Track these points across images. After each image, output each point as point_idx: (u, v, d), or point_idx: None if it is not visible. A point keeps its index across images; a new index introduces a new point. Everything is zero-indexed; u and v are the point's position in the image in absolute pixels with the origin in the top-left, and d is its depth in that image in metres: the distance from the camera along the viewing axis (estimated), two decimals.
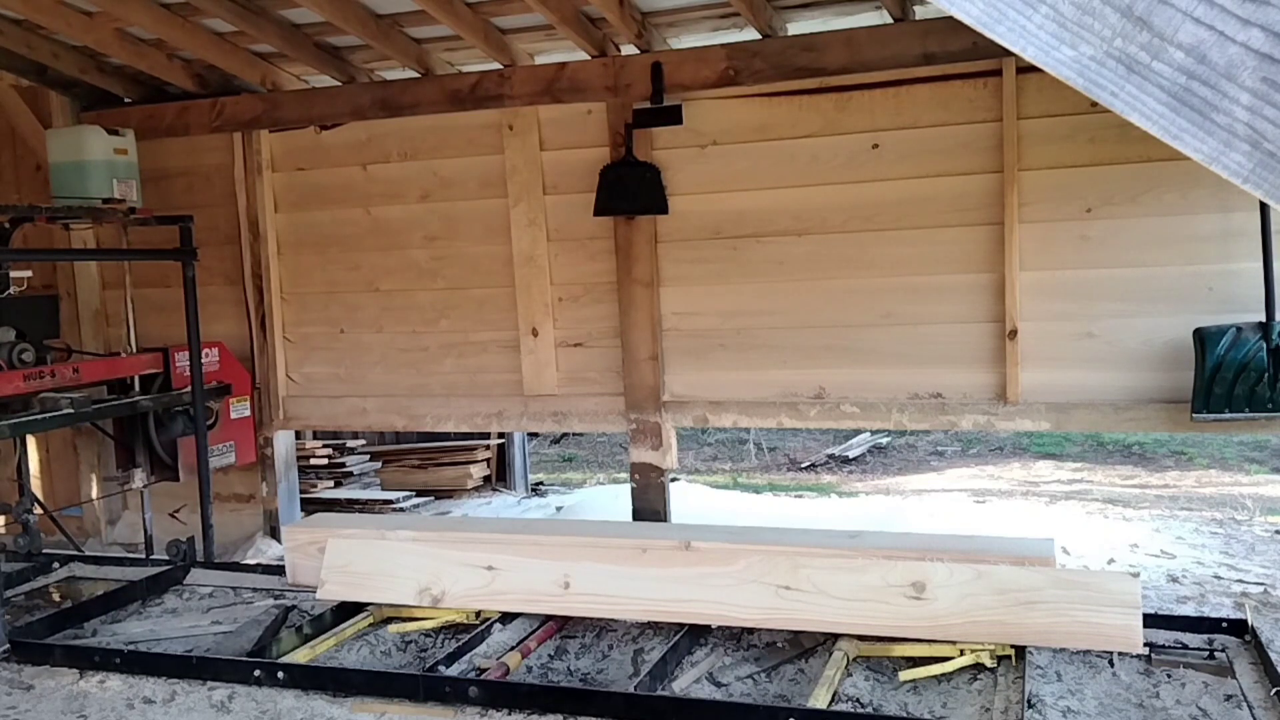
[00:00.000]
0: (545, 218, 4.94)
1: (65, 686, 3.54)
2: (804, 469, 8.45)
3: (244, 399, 5.34)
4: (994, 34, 0.99)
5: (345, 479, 7.42)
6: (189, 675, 3.52)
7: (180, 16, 4.65)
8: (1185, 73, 0.92)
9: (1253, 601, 4.02)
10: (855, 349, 4.59)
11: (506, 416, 5.16)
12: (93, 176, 4.67)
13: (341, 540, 4.10)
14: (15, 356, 4.37)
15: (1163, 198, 4.13)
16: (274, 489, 5.51)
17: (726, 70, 4.46)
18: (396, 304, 5.26)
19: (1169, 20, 0.91)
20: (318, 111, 5.19)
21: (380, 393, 5.34)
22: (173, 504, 5.54)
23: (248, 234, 5.37)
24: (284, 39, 4.74)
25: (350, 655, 3.75)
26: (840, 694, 3.22)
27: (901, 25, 4.23)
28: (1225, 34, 0.89)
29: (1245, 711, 2.98)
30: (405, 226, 5.19)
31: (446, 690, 3.27)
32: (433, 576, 3.91)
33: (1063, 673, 3.28)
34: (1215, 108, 0.92)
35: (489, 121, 4.97)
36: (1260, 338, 3.87)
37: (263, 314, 5.42)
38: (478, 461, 7.26)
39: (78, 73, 5.20)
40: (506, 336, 5.09)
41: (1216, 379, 3.89)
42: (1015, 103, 4.22)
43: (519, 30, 4.72)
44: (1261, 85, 0.89)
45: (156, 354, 4.97)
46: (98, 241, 5.57)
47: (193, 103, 5.33)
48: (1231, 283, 4.05)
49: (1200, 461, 7.99)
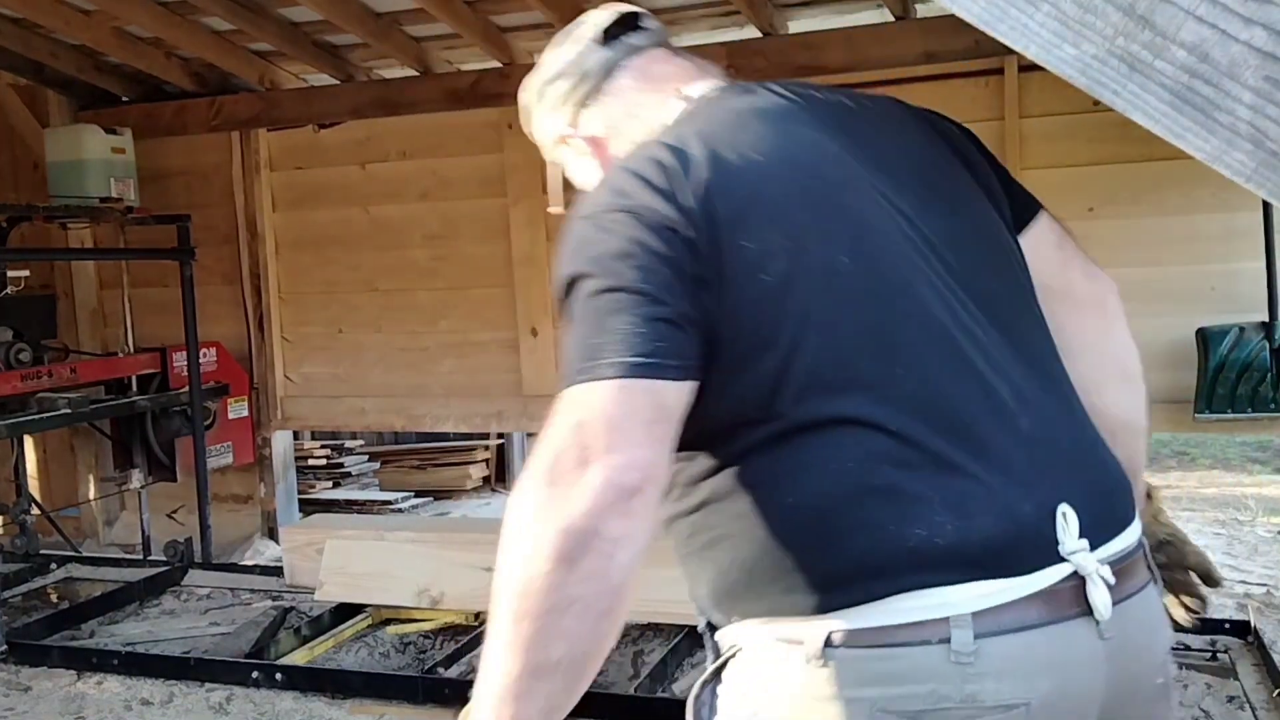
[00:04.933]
0: (545, 217, 4.92)
1: (63, 688, 3.53)
2: None
3: (242, 399, 5.32)
4: (996, 32, 0.98)
5: (344, 479, 7.41)
6: (187, 677, 3.51)
7: (178, 15, 4.63)
8: (1188, 71, 0.91)
9: (1255, 602, 4.01)
10: None
11: (506, 416, 5.14)
12: (90, 175, 4.65)
13: (340, 541, 4.08)
14: (12, 356, 4.36)
15: (1165, 197, 4.11)
16: (272, 490, 5.49)
17: (727, 69, 4.42)
18: (395, 304, 5.25)
19: (1171, 19, 0.90)
20: (316, 110, 5.18)
21: (379, 393, 5.33)
22: (170, 504, 5.53)
23: (246, 233, 5.36)
24: (282, 37, 4.73)
25: (349, 657, 3.74)
26: None
27: (902, 23, 4.21)
28: (1228, 33, 0.89)
29: (1248, 713, 2.97)
30: (404, 226, 5.17)
31: (445, 692, 3.25)
32: (432, 577, 3.89)
33: None
34: (1218, 106, 0.91)
35: (488, 120, 4.95)
36: (1263, 337, 3.86)
37: (261, 314, 5.40)
38: (477, 462, 7.25)
39: (75, 71, 5.19)
40: (506, 336, 5.08)
41: (1219, 379, 3.88)
42: (1017, 101, 4.21)
43: (518, 28, 4.70)
44: (1264, 84, 0.88)
45: (154, 354, 4.96)
46: (95, 241, 5.55)
47: (190, 102, 5.31)
48: (1234, 282, 4.04)
49: (1203, 462, 7.97)
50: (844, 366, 1.10)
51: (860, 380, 1.09)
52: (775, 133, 1.20)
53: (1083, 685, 1.08)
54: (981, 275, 1.20)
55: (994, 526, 1.05)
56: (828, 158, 1.19)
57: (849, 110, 1.30)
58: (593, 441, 1.00)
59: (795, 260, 1.11)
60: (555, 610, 0.98)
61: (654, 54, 1.40)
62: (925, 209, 1.20)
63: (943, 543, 1.04)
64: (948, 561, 1.04)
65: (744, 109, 1.25)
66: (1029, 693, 1.04)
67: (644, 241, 1.07)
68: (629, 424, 1.01)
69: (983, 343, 1.14)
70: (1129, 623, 1.11)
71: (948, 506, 1.05)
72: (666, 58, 1.41)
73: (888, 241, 1.15)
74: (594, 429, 1.01)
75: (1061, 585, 1.07)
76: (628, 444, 1.00)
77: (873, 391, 1.09)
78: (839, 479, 1.07)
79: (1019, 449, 1.10)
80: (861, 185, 1.18)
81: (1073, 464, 1.14)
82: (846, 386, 1.09)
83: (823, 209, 1.15)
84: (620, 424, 1.01)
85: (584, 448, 1.00)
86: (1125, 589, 1.12)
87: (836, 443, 1.08)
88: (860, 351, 1.11)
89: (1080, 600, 1.07)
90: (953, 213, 1.24)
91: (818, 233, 1.13)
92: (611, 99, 1.37)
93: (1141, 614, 1.15)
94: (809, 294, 1.10)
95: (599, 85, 1.37)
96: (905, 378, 1.10)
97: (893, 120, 1.34)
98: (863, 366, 1.10)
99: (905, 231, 1.17)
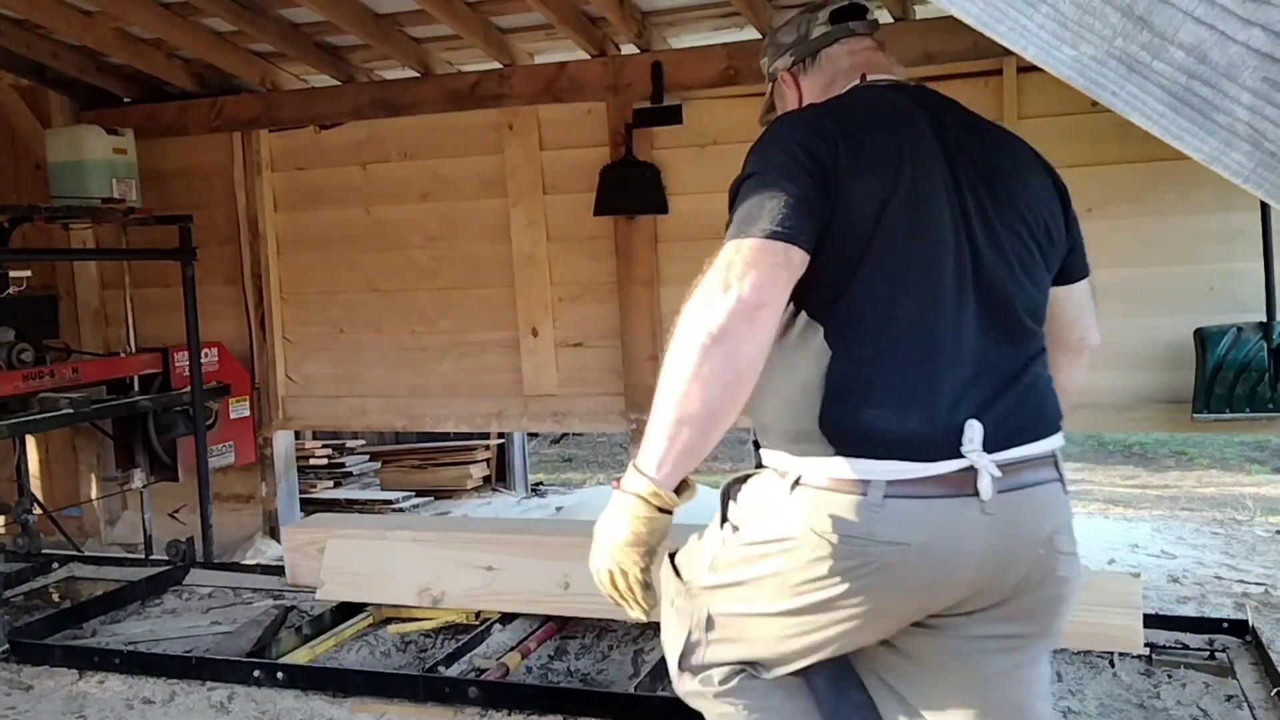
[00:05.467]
0: (545, 218, 4.93)
1: (64, 687, 3.54)
2: None
3: (243, 399, 5.33)
4: (995, 33, 0.99)
5: (345, 479, 7.41)
6: (188, 675, 3.52)
7: (179, 16, 4.64)
8: (1186, 72, 0.92)
9: (1253, 602, 4.02)
10: None
11: (506, 416, 5.15)
12: (92, 176, 4.66)
13: (341, 540, 4.09)
14: (14, 356, 4.36)
15: (1163, 197, 4.12)
16: (273, 489, 5.50)
17: (727, 70, 4.46)
18: (396, 304, 5.26)
19: (1170, 20, 0.91)
20: (317, 111, 5.19)
21: (380, 393, 5.34)
22: (172, 504, 5.54)
23: (247, 234, 5.37)
24: (283, 38, 4.74)
25: (350, 656, 3.74)
26: None
27: (902, 24, 4.23)
28: (1226, 33, 0.89)
29: (1246, 712, 2.98)
30: (405, 226, 5.18)
31: (446, 691, 3.26)
32: (432, 577, 3.90)
33: (1063, 673, 3.27)
34: (1216, 107, 0.92)
35: (489, 121, 4.96)
36: (1261, 338, 3.87)
37: (262, 314, 5.41)
38: (477, 462, 7.25)
39: (77, 72, 5.20)
40: (506, 336, 5.09)
41: (1217, 379, 3.89)
42: (1016, 102, 4.22)
43: (519, 30, 4.72)
44: (1262, 85, 0.89)
45: (156, 354, 4.96)
46: (97, 241, 5.56)
47: (192, 102, 5.32)
48: (1232, 282, 4.05)
49: (1201, 462, 7.98)
50: (880, 300, 1.62)
51: (887, 314, 1.62)
52: (898, 123, 1.72)
53: (959, 543, 1.57)
54: (996, 278, 1.68)
55: (918, 428, 1.57)
56: (924, 150, 1.69)
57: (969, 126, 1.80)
58: (734, 274, 1.52)
59: (879, 211, 1.62)
60: (697, 379, 1.50)
61: (864, 41, 1.93)
62: (985, 217, 1.69)
63: (882, 431, 1.57)
64: (880, 444, 1.57)
65: (887, 100, 1.79)
66: (911, 538, 1.55)
67: (799, 158, 1.61)
68: (762, 265, 1.52)
69: (968, 317, 1.64)
70: (1013, 507, 1.59)
71: (894, 409, 1.58)
72: (871, 46, 1.94)
73: (940, 229, 1.65)
74: (737, 267, 1.52)
75: (958, 474, 1.57)
76: (759, 276, 1.51)
77: (891, 323, 1.61)
78: (842, 371, 1.60)
79: (957, 384, 1.61)
80: (937, 180, 1.67)
81: (995, 400, 1.62)
82: (876, 310, 1.62)
83: (902, 184, 1.64)
84: (756, 264, 1.52)
85: (728, 277, 1.52)
86: (1014, 483, 1.59)
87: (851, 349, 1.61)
88: (893, 292, 1.62)
89: (971, 485, 1.57)
90: (1007, 231, 1.71)
91: (896, 200, 1.63)
92: (821, 64, 1.93)
93: (1028, 503, 1.62)
94: (880, 238, 1.62)
95: (816, 50, 1.93)
96: (910, 321, 1.62)
97: (1005, 147, 1.81)
98: (892, 303, 1.62)
99: (958, 226, 1.67)
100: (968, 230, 1.66)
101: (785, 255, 1.54)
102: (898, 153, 1.66)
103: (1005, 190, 1.71)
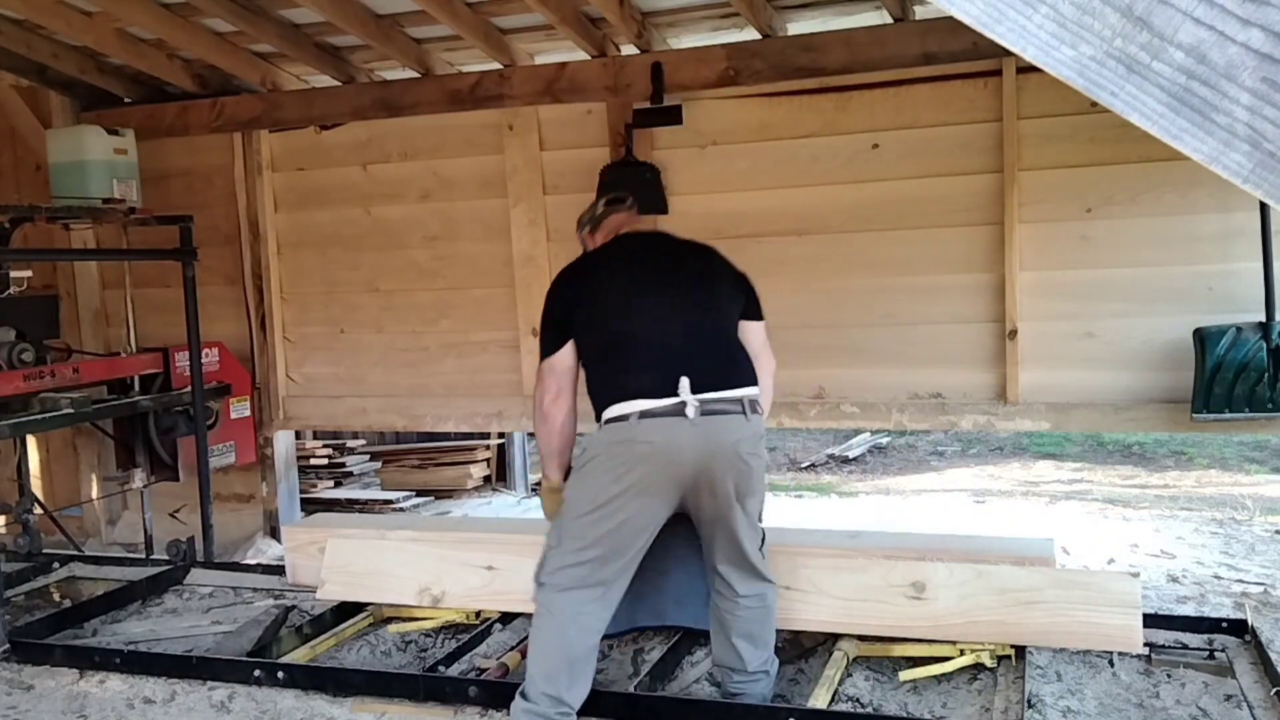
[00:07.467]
0: (545, 218, 4.94)
1: (65, 686, 3.54)
2: (804, 469, 8.45)
3: (244, 399, 5.34)
4: (994, 34, 1.00)
5: (345, 479, 7.42)
6: (189, 675, 3.52)
7: (180, 16, 4.65)
8: (1185, 73, 0.92)
9: (1253, 601, 4.02)
10: (855, 349, 4.59)
11: (506, 416, 5.16)
12: (93, 176, 4.66)
13: (341, 540, 4.10)
14: (15, 356, 4.37)
15: (1163, 198, 4.13)
16: (274, 489, 5.51)
17: (726, 70, 4.46)
18: (396, 304, 5.27)
19: (1169, 20, 0.91)
20: (318, 111, 5.19)
21: (380, 393, 5.34)
22: (173, 504, 5.55)
23: (248, 234, 5.38)
24: (284, 39, 4.74)
25: (350, 655, 3.75)
26: (840, 694, 3.22)
27: (901, 25, 4.23)
28: (1225, 34, 0.90)
29: (1245, 711, 2.98)
30: (405, 226, 5.19)
31: (446, 690, 3.27)
32: (433, 576, 3.91)
33: (1063, 673, 3.28)
34: (1215, 108, 0.92)
35: (489, 121, 4.97)
36: (1260, 338, 3.87)
37: (263, 314, 5.42)
38: (478, 461, 7.26)
39: (77, 73, 5.20)
40: (506, 336, 5.09)
41: (1216, 379, 3.89)
42: (1015, 103, 4.22)
43: (519, 30, 4.72)
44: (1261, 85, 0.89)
45: (156, 354, 4.97)
46: (97, 241, 5.57)
47: (193, 103, 5.33)
48: (1231, 283, 4.05)
49: (1200, 461, 7.99)
50: (617, 339, 3.02)
51: (625, 344, 3.00)
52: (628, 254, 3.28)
53: (681, 442, 2.82)
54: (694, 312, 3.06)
55: (652, 385, 2.86)
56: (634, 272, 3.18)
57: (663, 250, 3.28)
58: (540, 384, 3.14)
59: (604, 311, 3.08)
60: (546, 434, 3.18)
61: (624, 214, 3.38)
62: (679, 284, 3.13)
63: (636, 388, 2.87)
64: (636, 394, 2.86)
65: (615, 249, 3.30)
66: (655, 439, 2.83)
67: (556, 302, 3.17)
68: (548, 376, 3.11)
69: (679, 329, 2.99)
70: (710, 425, 2.84)
71: (640, 379, 2.89)
72: (627, 216, 3.38)
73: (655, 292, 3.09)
74: (541, 379, 3.14)
75: (676, 405, 2.83)
76: (549, 381, 3.11)
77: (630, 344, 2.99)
78: (613, 369, 2.97)
79: (676, 364, 2.89)
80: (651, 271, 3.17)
81: (701, 369, 2.89)
82: (622, 344, 3.00)
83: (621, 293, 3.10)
84: (544, 376, 3.12)
85: (539, 387, 3.15)
86: (709, 410, 2.84)
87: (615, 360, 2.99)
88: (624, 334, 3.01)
89: (683, 412, 2.82)
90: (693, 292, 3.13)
91: (614, 302, 3.09)
92: (601, 227, 3.37)
93: (719, 425, 2.85)
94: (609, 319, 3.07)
95: (599, 221, 3.38)
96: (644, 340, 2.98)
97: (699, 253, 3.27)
98: (627, 340, 3.00)
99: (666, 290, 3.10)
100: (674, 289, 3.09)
101: (558, 362, 3.09)
102: (627, 265, 3.20)
103: (694, 269, 3.18)
